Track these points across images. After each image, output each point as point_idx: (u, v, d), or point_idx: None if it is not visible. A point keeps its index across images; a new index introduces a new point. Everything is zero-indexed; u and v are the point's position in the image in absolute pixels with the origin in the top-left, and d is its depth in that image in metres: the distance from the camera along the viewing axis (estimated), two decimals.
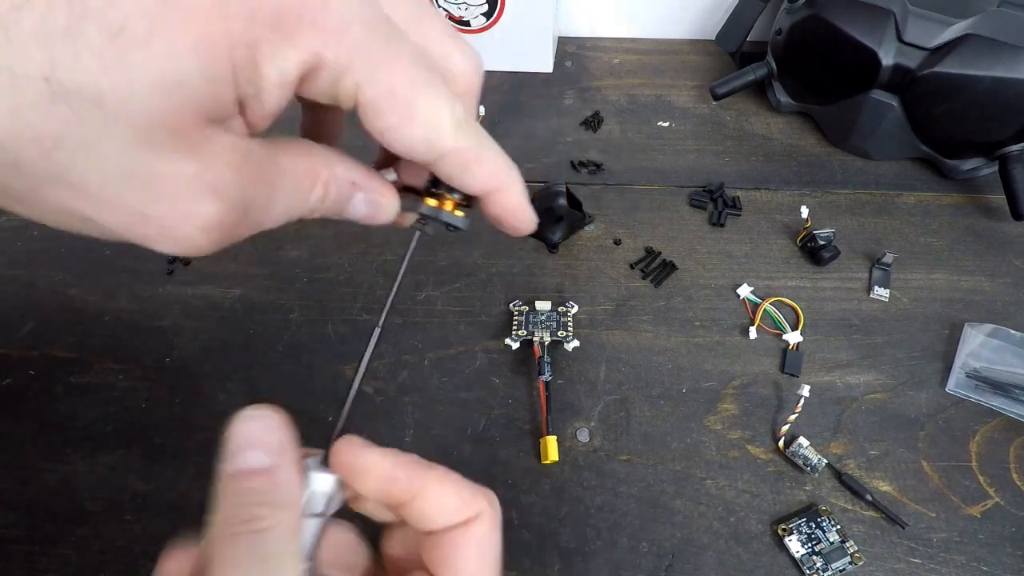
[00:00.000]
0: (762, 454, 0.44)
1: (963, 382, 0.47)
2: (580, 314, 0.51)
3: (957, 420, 0.45)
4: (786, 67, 0.62)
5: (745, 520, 0.42)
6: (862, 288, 0.52)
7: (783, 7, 0.62)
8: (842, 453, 0.44)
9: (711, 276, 0.53)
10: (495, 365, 0.48)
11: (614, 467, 0.44)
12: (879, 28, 0.53)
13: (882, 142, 0.59)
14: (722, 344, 0.49)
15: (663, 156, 0.62)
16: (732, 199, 0.58)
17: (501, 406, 0.47)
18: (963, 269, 0.53)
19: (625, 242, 0.55)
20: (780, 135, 0.64)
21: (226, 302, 0.52)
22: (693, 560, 0.40)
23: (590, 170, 0.61)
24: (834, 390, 0.47)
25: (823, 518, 0.41)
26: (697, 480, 0.43)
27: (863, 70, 0.55)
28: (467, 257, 0.55)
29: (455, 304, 0.52)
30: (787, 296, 0.51)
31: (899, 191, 0.59)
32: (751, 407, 0.46)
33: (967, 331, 0.49)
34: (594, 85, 0.69)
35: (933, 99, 0.54)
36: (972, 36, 0.51)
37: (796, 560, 0.40)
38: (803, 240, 0.54)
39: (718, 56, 0.70)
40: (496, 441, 0.45)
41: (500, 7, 0.64)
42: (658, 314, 0.51)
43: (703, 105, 0.66)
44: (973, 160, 0.57)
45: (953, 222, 0.56)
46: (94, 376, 0.48)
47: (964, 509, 0.42)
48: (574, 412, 0.46)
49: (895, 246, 0.54)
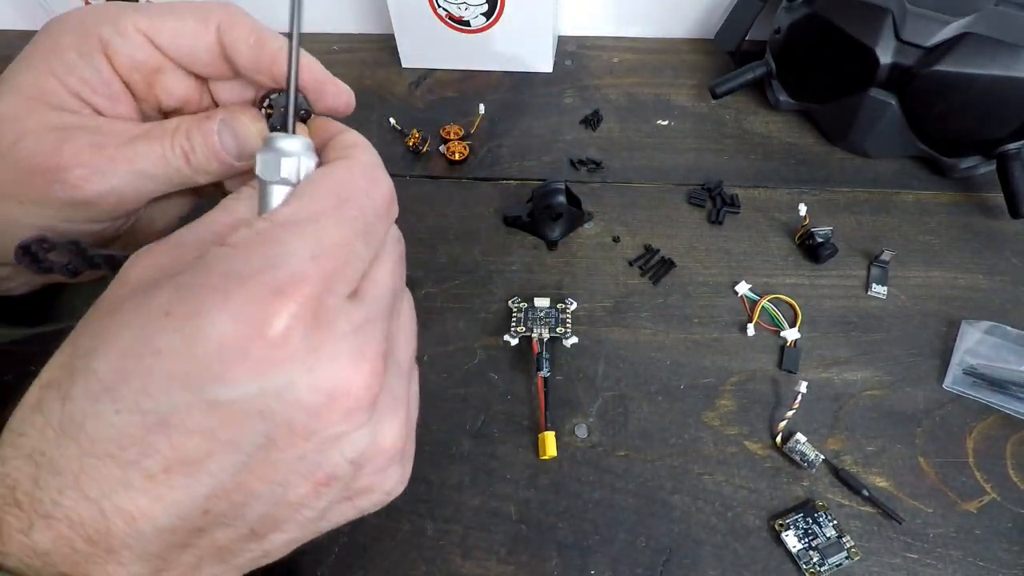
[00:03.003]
0: (759, 450, 0.44)
1: (960, 379, 0.47)
2: (579, 311, 0.51)
3: (954, 417, 0.46)
4: (785, 66, 0.62)
5: (742, 515, 0.42)
6: (860, 285, 0.53)
7: (782, 6, 0.62)
8: (839, 449, 0.44)
9: (709, 273, 0.53)
10: (494, 361, 0.49)
11: (612, 463, 0.44)
12: (877, 26, 0.54)
13: (880, 140, 0.59)
14: (720, 341, 0.50)
15: (662, 154, 0.62)
16: (731, 197, 0.58)
17: (500, 402, 0.47)
18: (961, 267, 0.53)
19: (624, 239, 0.56)
20: (779, 133, 0.64)
21: None
22: (691, 555, 0.40)
23: (589, 168, 0.61)
24: (832, 387, 0.47)
25: (820, 513, 0.41)
26: (695, 476, 0.43)
27: (861, 68, 0.55)
28: (466, 254, 0.55)
29: (454, 301, 0.52)
30: (785, 293, 0.52)
31: (897, 189, 0.59)
32: (749, 403, 0.46)
33: (964, 328, 0.49)
34: (594, 84, 0.69)
35: (931, 97, 0.54)
36: (970, 35, 0.51)
37: (793, 555, 0.40)
38: (801, 238, 0.54)
39: (717, 55, 0.70)
40: (495, 437, 0.45)
41: (500, 7, 0.64)
42: (656, 311, 0.51)
43: (702, 104, 0.67)
44: (971, 158, 0.57)
45: (951, 220, 0.57)
46: None
47: (961, 505, 0.42)
48: (572, 408, 0.46)
49: (893, 244, 0.54)
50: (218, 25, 0.27)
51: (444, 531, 0.42)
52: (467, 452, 0.45)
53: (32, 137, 0.25)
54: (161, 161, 0.26)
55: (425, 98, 0.68)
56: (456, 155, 0.61)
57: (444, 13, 0.66)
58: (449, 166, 0.62)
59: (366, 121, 0.66)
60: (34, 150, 0.25)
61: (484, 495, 0.43)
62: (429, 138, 0.63)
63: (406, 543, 0.41)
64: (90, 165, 0.25)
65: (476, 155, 0.63)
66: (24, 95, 0.26)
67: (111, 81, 0.27)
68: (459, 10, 0.65)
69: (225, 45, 0.27)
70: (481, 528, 0.42)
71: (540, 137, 0.64)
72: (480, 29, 0.67)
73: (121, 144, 0.26)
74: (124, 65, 0.27)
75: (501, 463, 0.44)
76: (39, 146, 0.25)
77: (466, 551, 0.41)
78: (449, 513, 0.42)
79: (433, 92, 0.69)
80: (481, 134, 0.64)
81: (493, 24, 0.66)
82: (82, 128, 0.26)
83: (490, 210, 0.58)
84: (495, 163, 0.62)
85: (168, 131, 0.27)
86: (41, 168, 0.25)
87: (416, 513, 0.42)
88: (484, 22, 0.66)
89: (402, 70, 0.71)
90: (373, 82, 0.70)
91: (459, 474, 0.44)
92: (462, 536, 0.41)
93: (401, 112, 0.66)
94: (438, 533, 0.42)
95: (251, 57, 0.27)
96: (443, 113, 0.66)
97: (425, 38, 0.68)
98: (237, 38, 0.27)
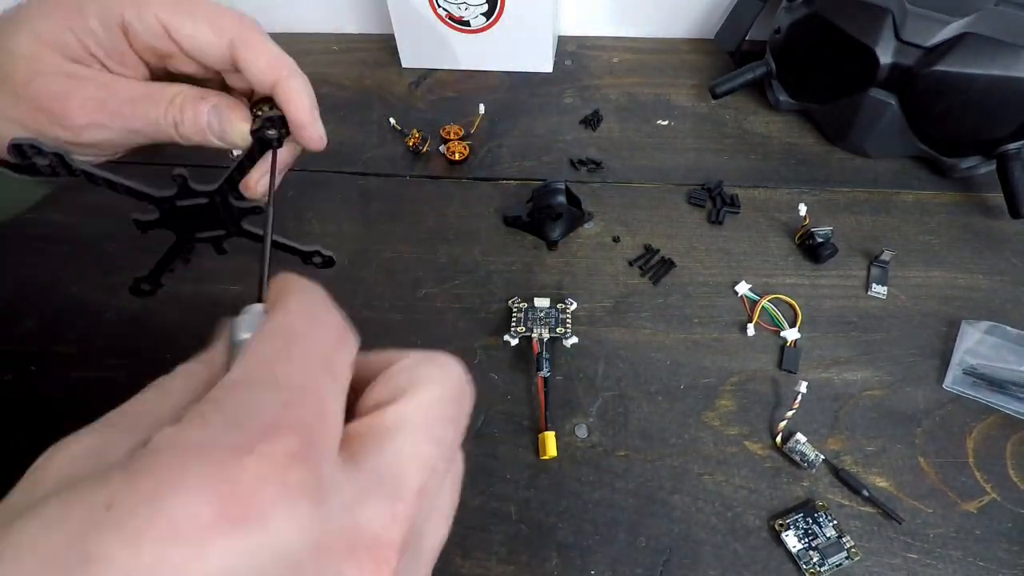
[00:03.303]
0: (760, 450, 0.44)
1: (960, 379, 0.47)
2: (579, 311, 0.51)
3: (954, 417, 0.46)
4: (785, 66, 0.62)
5: (742, 515, 0.42)
6: (860, 285, 0.53)
7: (782, 6, 0.62)
8: (839, 449, 0.44)
9: (709, 273, 0.53)
10: (494, 361, 0.49)
11: (612, 463, 0.44)
12: (877, 26, 0.53)
13: (880, 140, 0.59)
14: (720, 341, 0.50)
15: (662, 154, 0.62)
16: (731, 197, 0.58)
17: (500, 402, 0.47)
18: (961, 267, 0.53)
19: (624, 240, 0.56)
20: (779, 133, 0.64)
21: (226, 299, 0.52)
22: (691, 555, 0.40)
23: (589, 168, 0.61)
24: (832, 387, 0.47)
25: (820, 513, 0.41)
26: (695, 476, 0.43)
27: (861, 68, 0.55)
28: (466, 254, 0.55)
29: (454, 301, 0.52)
30: (785, 293, 0.52)
31: (897, 189, 0.59)
32: (749, 403, 0.46)
33: (964, 328, 0.49)
34: (594, 84, 0.69)
35: (931, 97, 0.54)
36: (970, 35, 0.51)
37: (793, 555, 0.40)
38: (801, 238, 0.54)
39: (717, 55, 0.70)
40: (495, 437, 0.45)
41: (500, 7, 0.64)
42: (656, 311, 0.51)
43: (702, 104, 0.67)
44: (971, 158, 0.57)
45: (951, 220, 0.57)
46: (95, 372, 0.48)
47: (961, 505, 0.42)
48: (572, 408, 0.46)
49: (893, 244, 0.54)
50: (231, 40, 0.29)
51: None
52: (467, 452, 0.45)
53: (44, 79, 0.28)
54: (153, 124, 0.29)
55: (425, 98, 0.68)
56: (456, 155, 0.61)
57: (444, 13, 0.66)
58: (449, 166, 0.62)
59: (366, 121, 0.66)
60: (44, 91, 0.28)
61: (484, 495, 0.43)
62: (429, 138, 0.63)
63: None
64: (91, 117, 0.29)
65: (476, 155, 0.63)
66: (42, 40, 0.28)
67: (125, 52, 0.30)
68: (459, 10, 0.65)
69: (236, 59, 0.30)
70: (481, 528, 0.42)
71: (540, 137, 0.64)
72: (480, 29, 0.67)
73: (123, 102, 0.29)
74: (140, 45, 0.30)
75: (501, 463, 0.44)
76: (49, 88, 0.28)
77: (466, 551, 0.41)
78: None
79: (433, 92, 0.69)
80: (481, 134, 0.64)
81: (493, 24, 0.66)
82: (91, 80, 0.29)
83: (490, 210, 0.58)
84: (495, 163, 0.62)
85: (165, 100, 0.29)
86: (48, 109, 0.28)
87: None
88: (484, 22, 0.66)
89: (402, 70, 0.71)
90: (373, 82, 0.70)
91: None
92: (462, 536, 0.41)
93: (401, 112, 0.66)
94: None
95: (258, 77, 0.30)
96: (443, 113, 0.66)
97: (425, 38, 0.68)
98: (247, 57, 0.29)
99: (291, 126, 0.30)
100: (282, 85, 0.30)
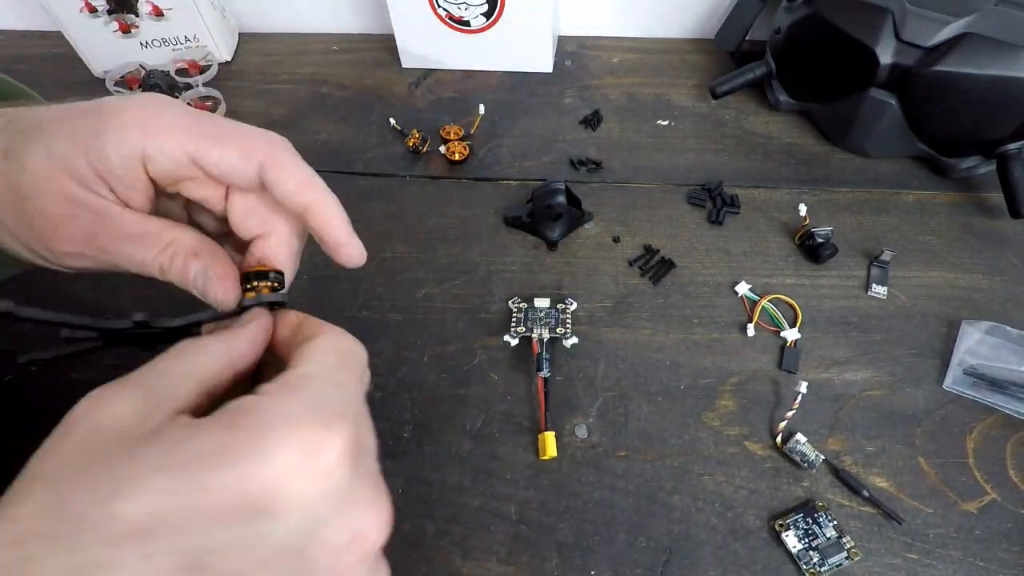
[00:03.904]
0: (760, 450, 0.44)
1: (960, 379, 0.47)
2: (579, 311, 0.51)
3: (954, 417, 0.46)
4: (785, 66, 0.62)
5: (742, 516, 0.42)
6: (860, 286, 0.53)
7: (782, 6, 0.62)
8: (839, 449, 0.44)
9: (709, 273, 0.53)
10: (494, 362, 0.49)
11: (612, 463, 0.44)
12: (877, 26, 0.53)
13: (880, 140, 0.59)
14: (720, 341, 0.50)
15: (662, 154, 0.62)
16: (731, 197, 0.58)
17: (500, 402, 0.47)
18: (961, 267, 0.53)
19: (624, 240, 0.56)
20: (779, 133, 0.64)
21: None
22: (691, 555, 0.40)
23: (589, 168, 0.61)
24: (832, 387, 0.47)
25: (820, 514, 0.41)
26: (695, 476, 0.43)
27: (861, 68, 0.55)
28: (466, 254, 0.55)
29: (454, 301, 0.52)
30: (785, 293, 0.52)
31: (897, 189, 0.59)
32: (749, 404, 0.46)
33: (964, 328, 0.49)
34: (594, 84, 0.69)
35: (931, 97, 0.54)
36: (970, 35, 0.51)
37: (793, 555, 0.40)
38: (801, 238, 0.54)
39: (717, 55, 0.70)
40: (495, 437, 0.45)
41: (500, 7, 0.64)
42: (656, 311, 0.51)
43: (702, 104, 0.67)
44: (971, 158, 0.57)
45: (951, 220, 0.57)
46: (95, 372, 0.48)
47: (961, 505, 0.42)
48: (572, 408, 0.46)
49: (893, 244, 0.54)
50: (261, 163, 0.28)
51: (444, 532, 0.42)
52: (467, 452, 0.45)
53: (44, 199, 0.28)
54: (139, 264, 0.29)
55: (425, 98, 0.68)
56: (456, 155, 0.61)
57: (444, 13, 0.66)
58: (449, 166, 0.62)
59: (366, 121, 0.66)
60: (39, 212, 0.28)
61: (484, 495, 0.43)
62: (429, 138, 0.63)
63: (406, 543, 0.41)
64: (77, 248, 0.28)
65: (476, 155, 0.63)
66: (53, 159, 0.27)
67: (138, 180, 0.28)
68: (459, 10, 0.65)
69: (265, 181, 0.28)
70: (481, 528, 0.42)
71: (540, 137, 0.64)
72: (480, 29, 0.67)
73: (113, 240, 0.28)
74: (158, 172, 0.28)
75: (501, 463, 0.44)
76: (46, 210, 0.28)
77: (466, 552, 0.41)
78: (449, 514, 0.42)
79: (433, 92, 0.69)
80: (481, 134, 0.64)
81: (493, 24, 0.66)
82: (89, 209, 0.28)
83: (490, 210, 0.58)
84: (495, 163, 0.62)
85: (157, 246, 0.29)
86: (39, 228, 0.28)
87: (416, 514, 0.42)
88: (484, 22, 0.66)
89: (402, 70, 0.71)
90: (373, 82, 0.70)
91: (459, 474, 0.44)
92: (462, 536, 0.41)
93: (401, 112, 0.66)
94: (438, 534, 0.42)
95: (289, 199, 0.29)
96: (443, 113, 0.66)
97: (425, 38, 0.68)
98: (278, 179, 0.28)
99: (328, 246, 0.30)
100: (314, 209, 0.29)
